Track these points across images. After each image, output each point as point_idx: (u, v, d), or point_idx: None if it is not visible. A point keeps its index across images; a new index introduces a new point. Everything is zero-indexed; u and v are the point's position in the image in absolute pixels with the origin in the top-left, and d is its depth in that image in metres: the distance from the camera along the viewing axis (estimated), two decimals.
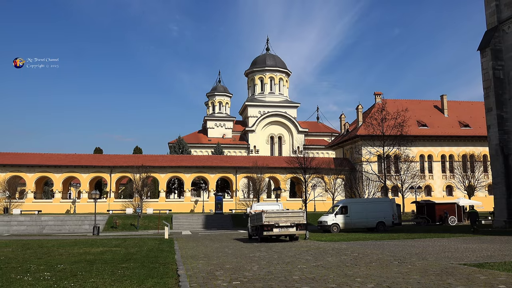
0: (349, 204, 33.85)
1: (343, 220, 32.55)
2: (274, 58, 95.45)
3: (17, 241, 26.32)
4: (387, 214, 33.39)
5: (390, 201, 35.20)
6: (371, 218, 32.91)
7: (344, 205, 33.34)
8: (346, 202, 34.81)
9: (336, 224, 32.22)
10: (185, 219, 46.53)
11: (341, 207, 33.11)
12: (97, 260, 15.54)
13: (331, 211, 33.76)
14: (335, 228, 32.00)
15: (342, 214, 32.70)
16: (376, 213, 33.13)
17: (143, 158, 58.61)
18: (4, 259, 16.38)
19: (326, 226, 32.12)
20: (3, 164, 53.50)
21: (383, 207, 33.74)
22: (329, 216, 32.80)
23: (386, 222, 33.06)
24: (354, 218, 32.69)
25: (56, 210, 52.60)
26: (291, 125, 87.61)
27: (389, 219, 33.28)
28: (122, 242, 24.69)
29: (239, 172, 58.44)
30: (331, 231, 31.62)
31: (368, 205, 34.11)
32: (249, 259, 15.61)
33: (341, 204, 33.60)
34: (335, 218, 32.46)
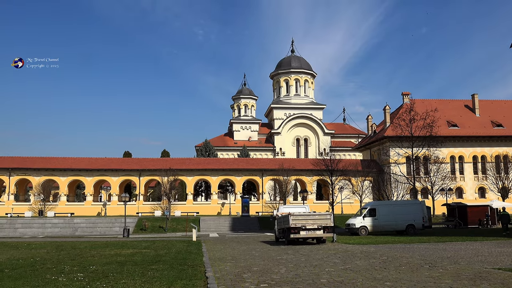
0: (378, 206, 33.39)
1: (371, 223, 32.13)
2: (299, 60, 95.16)
3: (52, 243, 27.11)
4: (417, 216, 32.76)
5: (420, 204, 34.51)
6: (400, 220, 32.36)
7: (373, 208, 32.90)
8: (375, 204, 34.34)
9: (364, 227, 31.83)
10: (212, 221, 46.88)
11: (370, 209, 32.68)
12: (127, 262, 15.87)
13: (359, 214, 33.37)
14: (363, 231, 31.62)
15: (371, 216, 32.28)
16: (405, 215, 32.55)
17: (171, 161, 59.40)
18: (39, 260, 16.93)
19: (354, 229, 31.77)
20: (38, 168, 55.21)
21: (413, 210, 33.12)
22: (357, 219, 32.44)
23: (416, 225, 32.43)
24: (383, 220, 32.21)
25: (87, 212, 53.90)
26: (317, 127, 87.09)
27: (419, 221, 32.64)
28: (151, 244, 25.10)
29: (265, 175, 58.49)
30: (359, 234, 31.26)
31: (397, 208, 33.55)
32: (276, 261, 15.63)
33: (369, 207, 33.17)
34: (363, 221, 32.07)
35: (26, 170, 55.19)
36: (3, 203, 55.25)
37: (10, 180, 54.81)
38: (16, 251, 21.31)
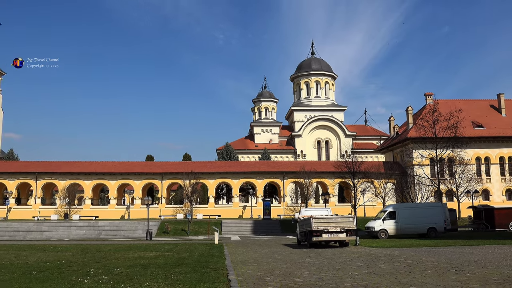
0: (398, 209, 32.85)
1: (391, 226, 31.60)
2: (320, 62, 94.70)
3: (77, 246, 27.60)
4: (439, 219, 32.09)
5: (442, 206, 33.81)
6: (421, 223, 31.75)
7: (392, 210, 32.40)
8: (395, 207, 33.81)
9: (384, 230, 31.34)
10: (234, 224, 46.95)
11: (389, 212, 32.20)
12: (151, 265, 16.02)
13: (379, 217, 32.90)
14: (383, 234, 31.13)
15: (391, 219, 31.76)
16: (427, 218, 31.92)
17: (192, 164, 59.78)
18: (66, 262, 17.25)
19: (374, 232, 31.31)
20: (63, 173, 56.36)
21: (435, 212, 32.47)
22: (376, 222, 31.95)
23: (438, 228, 31.79)
24: (403, 223, 31.68)
25: (111, 215, 54.69)
26: (338, 129, 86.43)
27: (441, 224, 31.98)
28: (174, 247, 25.29)
29: (286, 177, 58.31)
30: (379, 237, 30.79)
31: (418, 210, 32.93)
32: (298, 265, 15.55)
33: (389, 209, 32.69)
34: (383, 224, 31.59)
35: (52, 174, 56.41)
36: (30, 206, 56.59)
37: (37, 184, 56.10)
38: (43, 253, 21.77)
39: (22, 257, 19.61)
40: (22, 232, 43.39)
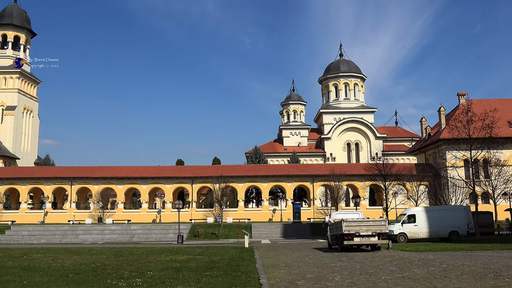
0: (418, 212, 32.06)
1: (410, 229, 30.84)
2: (348, 63, 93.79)
3: (111, 249, 28.20)
4: (462, 222, 31.14)
5: (465, 209, 32.83)
6: (442, 227, 30.89)
7: (412, 214, 31.67)
8: (414, 210, 33.06)
9: (403, 234, 30.65)
10: (264, 228, 46.93)
11: (409, 215, 31.51)
12: (183, 268, 16.20)
13: (399, 220, 32.23)
14: (402, 238, 30.46)
15: (410, 223, 31.04)
16: (448, 221, 31.02)
17: (222, 168, 60.19)
18: (100, 265, 17.66)
19: (392, 235, 30.58)
20: (97, 177, 57.79)
21: (457, 215, 31.53)
22: (395, 225, 31.20)
23: (460, 232, 30.89)
24: (423, 227, 30.90)
25: (143, 219, 55.64)
26: (368, 131, 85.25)
27: (463, 228, 31.03)
28: (205, 250, 25.49)
29: (316, 180, 57.90)
30: (397, 241, 30.09)
31: (439, 213, 32.01)
32: (330, 269, 15.40)
33: (408, 213, 32.03)
34: (402, 227, 30.87)
35: (86, 179, 57.92)
36: (66, 210, 58.24)
37: (72, 189, 57.70)
38: (79, 256, 22.34)
39: (59, 260, 20.18)
40: (58, 236, 44.68)
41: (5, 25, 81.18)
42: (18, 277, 14.17)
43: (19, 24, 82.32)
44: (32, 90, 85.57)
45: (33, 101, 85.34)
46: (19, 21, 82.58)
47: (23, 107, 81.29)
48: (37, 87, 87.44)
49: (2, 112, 78.36)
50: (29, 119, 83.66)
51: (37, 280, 13.57)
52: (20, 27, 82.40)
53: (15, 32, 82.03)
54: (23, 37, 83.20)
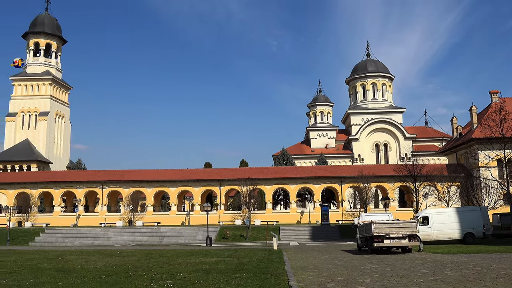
0: (431, 214, 31.32)
1: (423, 232, 30.00)
2: (376, 63, 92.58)
3: (141, 251, 28.68)
4: (477, 224, 30.30)
5: (480, 210, 31.88)
6: (457, 229, 30.11)
7: (425, 216, 30.98)
8: (427, 212, 32.34)
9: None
10: (292, 230, 46.76)
11: (422, 217, 30.85)
12: (212, 270, 16.33)
13: None
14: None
15: (423, 225, 30.33)
16: (463, 223, 30.23)
17: (249, 171, 60.33)
18: (132, 267, 17.99)
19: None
20: (127, 181, 58.91)
21: (472, 217, 30.67)
22: None
23: (476, 234, 30.06)
24: (436, 229, 30.17)
25: (172, 222, 56.35)
26: (397, 131, 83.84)
27: (479, 230, 30.20)
28: (233, 252, 25.61)
29: (344, 182, 57.33)
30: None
31: (454, 215, 31.16)
32: (360, 271, 15.23)
33: (422, 214, 31.37)
34: None
35: (116, 182, 59.10)
36: (97, 213, 59.60)
37: (103, 192, 59.02)
38: (111, 258, 22.82)
39: (92, 262, 20.67)
40: (90, 238, 45.74)
41: (37, 33, 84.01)
42: (53, 279, 14.59)
43: (51, 32, 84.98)
44: (64, 96, 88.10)
45: (64, 106, 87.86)
46: (51, 29, 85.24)
47: (55, 113, 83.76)
48: (68, 93, 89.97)
49: (36, 118, 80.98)
50: (61, 124, 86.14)
51: (71, 281, 13.94)
52: (51, 35, 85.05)
53: (47, 40, 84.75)
54: (54, 44, 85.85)
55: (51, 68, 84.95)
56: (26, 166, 75.27)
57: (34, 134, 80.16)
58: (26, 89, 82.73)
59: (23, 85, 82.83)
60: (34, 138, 79.90)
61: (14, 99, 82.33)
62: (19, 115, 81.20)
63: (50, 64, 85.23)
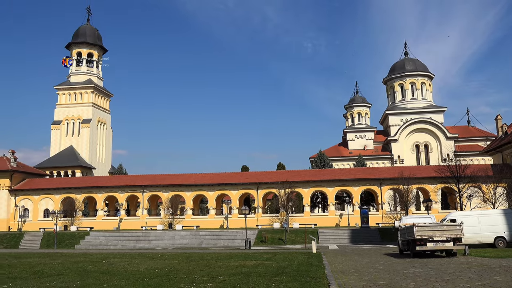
0: (458, 217, 30.01)
1: None
2: (414, 62, 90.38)
3: (182, 254, 29.14)
4: (509, 227, 28.80)
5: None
6: (486, 232, 28.67)
7: (453, 219, 29.70)
8: (455, 215, 30.97)
9: None
10: (331, 233, 46.25)
11: (450, 220, 29.59)
12: (252, 273, 16.36)
13: None
14: None
15: None
16: (493, 226, 28.80)
17: (287, 173, 60.15)
18: (173, 270, 18.31)
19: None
20: (166, 185, 60.05)
21: (504, 220, 29.15)
22: None
23: (508, 237, 28.60)
24: (465, 232, 28.87)
25: (211, 225, 56.92)
26: (438, 131, 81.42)
27: (511, 233, 28.71)
28: (272, 256, 25.58)
29: (384, 184, 56.20)
30: None
31: (483, 218, 29.71)
32: (403, 275, 14.87)
33: (448, 217, 30.09)
34: None
35: (156, 186, 60.36)
36: (138, 217, 61.01)
37: (143, 196, 60.39)
38: (152, 261, 23.30)
39: (134, 265, 21.18)
40: (132, 241, 46.91)
41: (79, 43, 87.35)
42: (98, 281, 15.06)
43: (92, 42, 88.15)
44: (105, 103, 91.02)
45: (106, 113, 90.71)
46: (92, 39, 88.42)
47: (97, 120, 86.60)
48: (109, 100, 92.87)
49: (79, 125, 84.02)
50: (103, 130, 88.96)
51: (115, 283, 14.33)
52: (92, 45, 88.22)
53: (89, 49, 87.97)
54: (96, 53, 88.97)
55: (93, 76, 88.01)
56: (71, 171, 78.14)
57: (78, 141, 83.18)
58: (69, 97, 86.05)
59: (67, 94, 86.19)
60: (78, 144, 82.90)
61: (59, 108, 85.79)
62: (64, 122, 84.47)
63: (92, 73, 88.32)
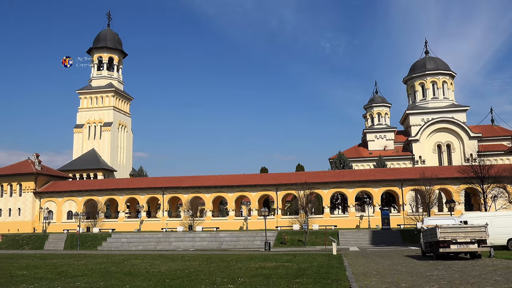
0: (470, 219, 29.24)
1: None
2: (435, 60, 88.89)
3: (202, 255, 29.27)
4: None
5: None
6: (498, 234, 27.81)
7: (465, 221, 28.96)
8: (466, 217, 30.25)
9: None
10: (351, 235, 45.85)
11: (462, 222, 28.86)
12: (272, 275, 16.32)
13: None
14: None
15: None
16: (506, 228, 27.97)
17: (306, 175, 59.91)
18: (193, 271, 18.39)
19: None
20: (186, 187, 60.48)
21: None
22: None
23: None
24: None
25: (230, 227, 57.06)
26: (461, 130, 79.88)
27: None
28: (292, 257, 25.48)
29: (405, 185, 55.44)
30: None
31: (496, 220, 28.90)
32: (426, 278, 14.62)
33: (461, 219, 29.34)
34: None
35: (176, 188, 60.84)
36: (159, 219, 61.58)
37: (163, 198, 60.95)
38: (173, 262, 23.47)
39: (156, 266, 21.36)
40: (153, 243, 47.37)
41: (100, 48, 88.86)
42: (121, 282, 15.23)
43: (112, 47, 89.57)
44: (125, 107, 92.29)
45: (126, 116, 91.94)
46: (112, 44, 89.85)
47: (118, 123, 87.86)
48: (129, 103, 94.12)
49: (101, 129, 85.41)
50: (124, 133, 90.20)
51: (138, 284, 14.48)
52: (113, 49, 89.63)
53: (109, 54, 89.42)
54: (116, 58, 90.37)
55: (114, 80, 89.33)
56: (93, 174, 79.42)
57: (100, 144, 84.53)
58: (91, 101, 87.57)
59: (88, 98, 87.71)
60: (100, 147, 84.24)
61: (81, 111, 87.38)
62: (86, 126, 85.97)
63: (113, 77, 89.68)
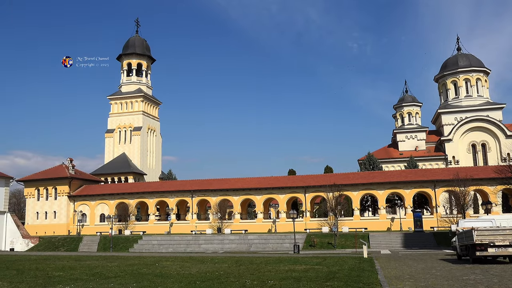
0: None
1: None
2: (468, 57, 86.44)
3: (231, 258, 29.25)
4: None
5: None
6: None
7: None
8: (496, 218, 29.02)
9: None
10: (382, 237, 44.97)
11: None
12: (302, 278, 16.09)
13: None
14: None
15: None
16: None
17: (334, 177, 59.16)
18: (223, 273, 18.36)
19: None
20: (215, 190, 60.81)
21: None
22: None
23: None
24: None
25: (259, 229, 56.94)
26: (497, 129, 77.29)
27: None
28: (322, 260, 25.14)
29: (438, 186, 54.03)
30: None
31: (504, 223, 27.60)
32: (462, 282, 14.10)
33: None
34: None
35: (205, 191, 61.26)
36: (188, 221, 62.11)
37: (192, 200, 61.47)
38: (203, 265, 23.52)
39: (186, 268, 21.45)
40: (182, 245, 47.77)
41: (129, 54, 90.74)
42: (153, 283, 15.33)
43: (141, 53, 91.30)
44: (154, 111, 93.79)
45: (155, 121, 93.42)
46: (141, 50, 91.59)
47: (147, 127, 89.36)
48: (158, 108, 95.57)
49: (131, 133, 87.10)
50: (153, 138, 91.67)
51: (169, 286, 14.54)
52: (141, 55, 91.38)
53: (138, 60, 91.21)
54: (145, 63, 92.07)
55: (142, 86, 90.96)
56: (124, 178, 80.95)
57: (130, 148, 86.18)
58: (121, 107, 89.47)
59: (118, 103, 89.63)
60: (130, 151, 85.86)
61: (112, 117, 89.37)
62: (116, 131, 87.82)
63: (141, 82, 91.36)
